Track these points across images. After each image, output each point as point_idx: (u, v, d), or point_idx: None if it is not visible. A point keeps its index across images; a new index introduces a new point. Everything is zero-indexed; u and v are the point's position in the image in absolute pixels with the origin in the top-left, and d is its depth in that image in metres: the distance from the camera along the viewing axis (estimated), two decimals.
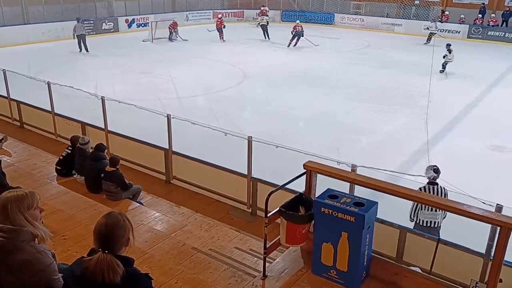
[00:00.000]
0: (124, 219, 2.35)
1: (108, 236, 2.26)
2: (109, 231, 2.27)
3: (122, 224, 2.31)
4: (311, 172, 4.03)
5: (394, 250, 5.48)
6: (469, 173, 8.38)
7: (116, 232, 2.28)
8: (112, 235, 2.27)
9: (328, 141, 9.81)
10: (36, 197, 2.53)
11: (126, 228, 2.33)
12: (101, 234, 2.27)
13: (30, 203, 2.48)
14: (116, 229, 2.29)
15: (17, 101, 10.64)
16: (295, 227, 3.81)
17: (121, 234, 2.30)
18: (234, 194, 7.34)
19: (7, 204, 2.41)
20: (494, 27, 24.75)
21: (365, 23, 28.49)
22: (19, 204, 2.43)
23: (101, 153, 6.59)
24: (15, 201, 2.43)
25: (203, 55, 19.37)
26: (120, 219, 2.32)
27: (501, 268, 3.23)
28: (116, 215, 2.34)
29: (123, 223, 2.32)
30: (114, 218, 2.32)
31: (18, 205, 2.42)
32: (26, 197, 2.47)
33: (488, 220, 3.29)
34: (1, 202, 2.42)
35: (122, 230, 2.30)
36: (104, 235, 2.26)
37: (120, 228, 2.30)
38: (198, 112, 11.04)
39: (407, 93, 13.47)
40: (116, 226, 2.29)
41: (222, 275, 4.10)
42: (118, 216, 2.34)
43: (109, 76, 15.49)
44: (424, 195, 4.42)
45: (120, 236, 2.29)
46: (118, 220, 2.31)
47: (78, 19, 19.77)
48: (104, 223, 2.29)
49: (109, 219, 2.31)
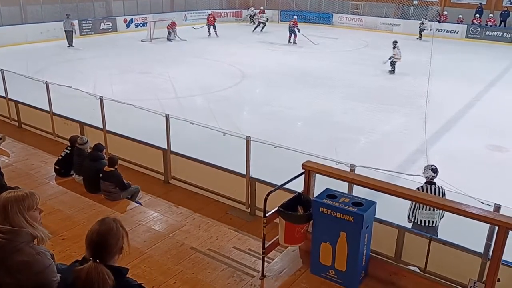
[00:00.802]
0: (118, 226, 2.27)
1: (100, 244, 2.19)
2: (101, 239, 2.19)
3: (115, 231, 2.24)
4: (310, 172, 4.04)
5: (392, 250, 5.48)
6: (467, 173, 8.39)
7: (109, 240, 2.21)
8: (104, 244, 2.20)
9: (326, 141, 9.82)
10: (36, 198, 2.51)
11: (119, 236, 2.26)
12: (92, 242, 2.20)
13: (31, 204, 2.46)
14: (109, 237, 2.21)
15: (15, 101, 10.62)
16: (294, 227, 3.81)
17: (113, 242, 2.22)
18: (232, 194, 7.34)
19: (7, 204, 2.40)
20: (492, 27, 24.80)
21: (363, 23, 28.51)
22: (19, 204, 2.41)
23: (100, 153, 6.59)
24: (15, 202, 2.41)
25: (201, 55, 19.36)
26: (113, 226, 2.24)
27: (499, 267, 3.23)
28: (109, 222, 2.27)
29: (116, 230, 2.25)
30: (107, 225, 2.24)
31: (19, 206, 2.41)
32: (27, 198, 2.45)
33: (486, 219, 3.30)
34: (1, 203, 2.40)
35: (115, 238, 2.23)
36: (96, 243, 2.19)
37: (113, 236, 2.22)
38: (197, 112, 11.04)
39: (405, 92, 13.49)
40: (109, 234, 2.22)
41: (220, 275, 4.10)
42: (111, 223, 2.26)
43: (107, 76, 15.46)
44: (423, 195, 4.43)
45: (112, 244, 2.22)
46: (111, 228, 2.23)
47: (67, 15, 19.98)
48: (96, 231, 2.22)
49: (102, 226, 2.23)
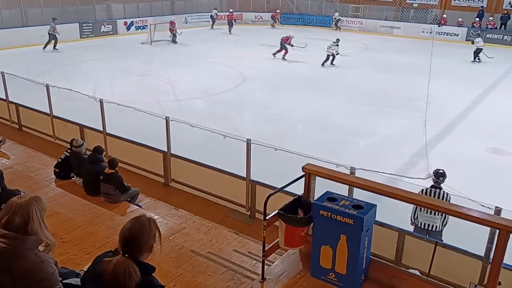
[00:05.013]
0: (151, 225, 2.31)
1: (131, 240, 2.24)
2: (132, 236, 2.24)
3: (147, 230, 2.28)
4: (310, 174, 4.03)
5: (393, 253, 5.47)
6: (467, 176, 8.37)
7: (139, 238, 2.25)
8: (134, 240, 2.24)
9: (326, 143, 9.81)
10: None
11: (151, 234, 2.29)
12: (124, 237, 2.25)
13: (46, 207, 2.48)
14: (140, 235, 2.25)
15: (16, 104, 10.63)
16: (294, 230, 3.80)
17: (144, 240, 2.26)
18: (232, 196, 7.33)
19: (32, 207, 2.38)
20: (492, 30, 24.83)
21: (363, 26, 28.57)
22: (40, 208, 2.42)
23: (99, 155, 6.58)
24: (37, 205, 2.40)
25: (201, 58, 19.38)
26: (145, 225, 2.29)
27: (500, 271, 3.22)
28: (143, 220, 2.31)
29: (149, 229, 2.28)
30: (140, 223, 2.29)
31: (40, 210, 2.41)
32: (42, 201, 2.45)
33: (487, 223, 3.29)
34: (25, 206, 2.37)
35: (145, 236, 2.27)
36: (126, 239, 2.24)
37: (144, 234, 2.26)
38: (197, 115, 11.03)
39: (405, 95, 13.51)
40: (140, 231, 2.26)
41: (220, 278, 4.09)
42: (145, 221, 2.30)
43: (108, 78, 15.49)
44: (423, 198, 4.42)
45: (143, 242, 2.26)
46: (143, 226, 2.28)
47: (53, 19, 20.07)
48: (129, 228, 2.27)
49: (135, 223, 2.28)
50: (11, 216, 2.35)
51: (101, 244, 4.38)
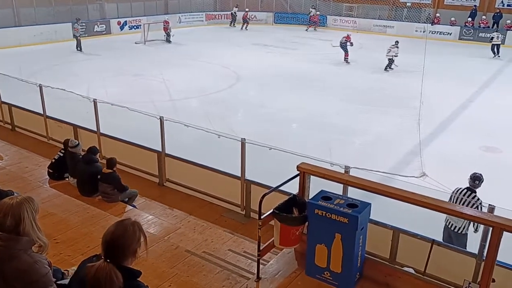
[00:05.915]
0: (135, 229, 2.23)
1: (113, 244, 2.16)
2: (114, 240, 2.16)
3: (130, 233, 2.20)
4: (305, 173, 4.03)
5: (387, 251, 5.49)
6: (461, 174, 8.37)
7: (122, 242, 2.17)
8: (117, 244, 2.16)
9: (321, 142, 9.83)
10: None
11: (135, 239, 2.21)
12: (106, 241, 2.17)
13: (37, 208, 2.44)
14: (122, 238, 2.17)
15: (9, 104, 10.55)
16: (289, 229, 3.81)
17: (127, 244, 2.18)
18: (227, 196, 7.32)
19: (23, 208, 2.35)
20: (485, 29, 24.96)
21: (357, 25, 28.61)
22: (32, 209, 2.39)
23: (94, 156, 6.56)
24: (28, 206, 2.37)
25: (196, 57, 19.34)
26: (129, 228, 2.21)
27: (493, 268, 3.24)
28: (126, 223, 2.23)
29: (132, 233, 2.20)
30: (123, 226, 2.21)
31: (32, 210, 2.38)
32: (34, 202, 2.42)
33: (480, 220, 3.31)
34: (16, 207, 2.34)
35: (128, 240, 2.19)
36: (108, 243, 2.17)
37: (127, 238, 2.18)
38: (191, 114, 11.01)
39: (399, 94, 13.55)
40: (123, 235, 2.18)
41: (216, 278, 4.09)
42: (128, 224, 2.23)
43: (101, 78, 15.40)
44: (417, 196, 4.42)
45: (125, 246, 2.18)
46: (126, 229, 2.20)
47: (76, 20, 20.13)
48: (111, 231, 2.19)
49: (118, 227, 2.20)
50: (2, 217, 2.32)
51: (96, 245, 4.33)
